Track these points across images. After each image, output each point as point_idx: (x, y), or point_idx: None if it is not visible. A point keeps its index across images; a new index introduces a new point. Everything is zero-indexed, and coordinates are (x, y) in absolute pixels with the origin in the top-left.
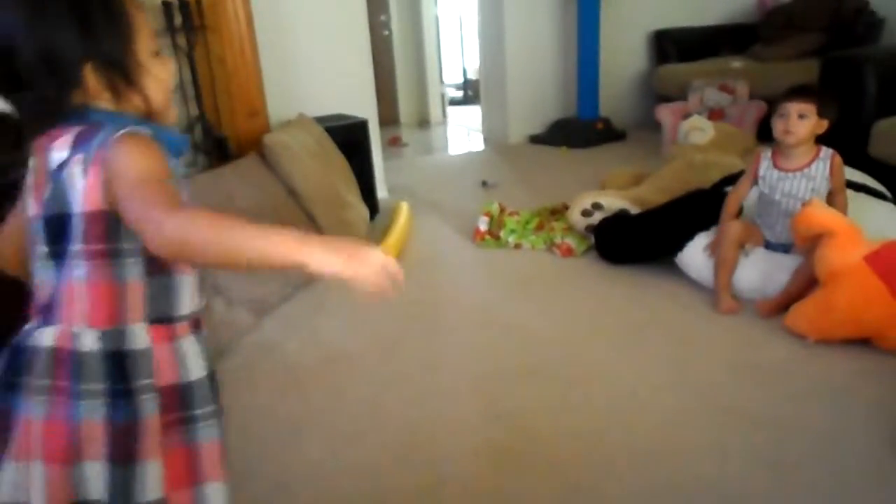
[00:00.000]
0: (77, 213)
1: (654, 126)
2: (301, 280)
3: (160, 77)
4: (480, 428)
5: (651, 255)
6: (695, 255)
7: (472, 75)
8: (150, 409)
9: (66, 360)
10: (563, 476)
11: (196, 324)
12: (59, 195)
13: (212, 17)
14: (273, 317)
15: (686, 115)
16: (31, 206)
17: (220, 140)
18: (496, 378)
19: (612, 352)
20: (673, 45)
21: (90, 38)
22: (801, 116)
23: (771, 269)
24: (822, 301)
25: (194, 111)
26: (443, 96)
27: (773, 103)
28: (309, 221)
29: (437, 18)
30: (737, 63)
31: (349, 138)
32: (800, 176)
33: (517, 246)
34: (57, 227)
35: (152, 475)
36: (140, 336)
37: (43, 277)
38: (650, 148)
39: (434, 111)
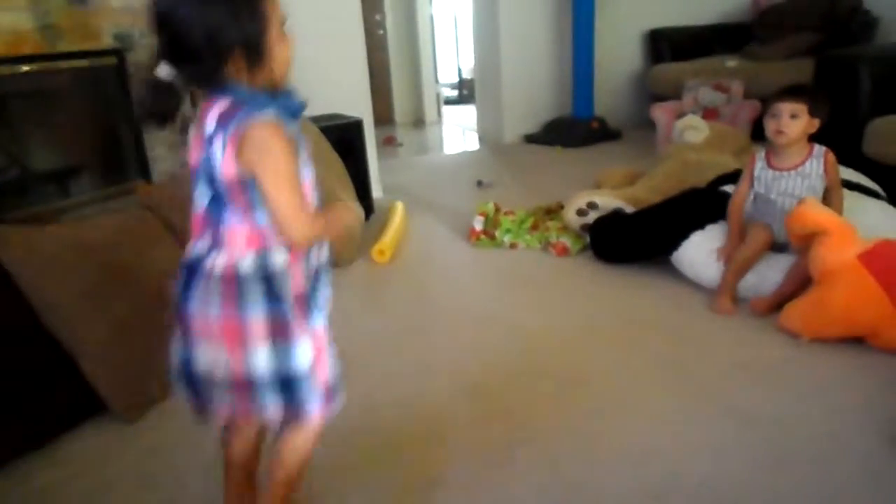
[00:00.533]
0: (221, 178)
1: (649, 125)
2: None
3: (283, 56)
4: (477, 428)
5: (646, 254)
6: (690, 253)
7: (467, 74)
8: (288, 307)
9: (233, 276)
10: (561, 475)
11: (307, 252)
12: (210, 160)
13: None
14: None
15: (680, 115)
16: (193, 157)
17: None
18: (492, 377)
19: (608, 351)
20: (667, 45)
21: (239, 25)
22: (792, 116)
23: (765, 267)
24: (816, 300)
25: (189, 110)
26: (438, 96)
27: (767, 102)
28: None
29: (431, 17)
30: (731, 62)
31: (344, 138)
32: (794, 174)
33: (513, 245)
34: (212, 184)
35: (303, 350)
36: (279, 259)
37: (207, 215)
38: (645, 147)
39: (429, 111)
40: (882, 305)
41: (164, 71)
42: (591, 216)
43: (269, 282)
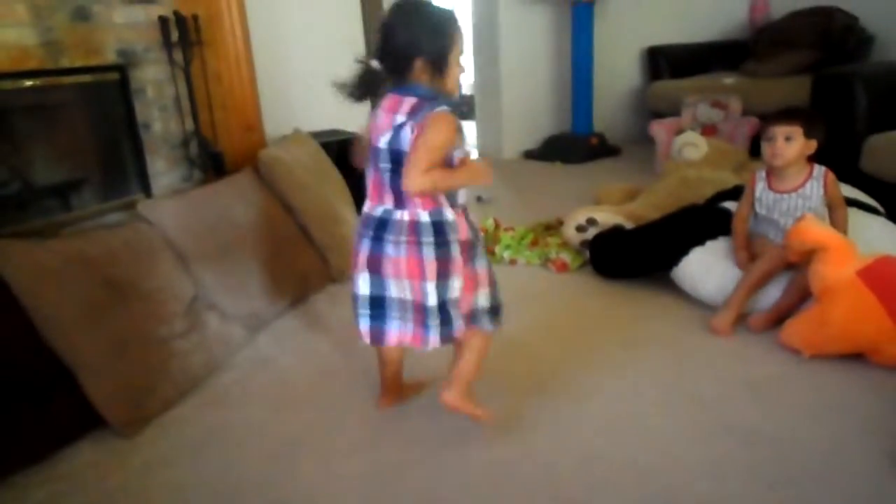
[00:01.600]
0: (406, 151)
1: (648, 141)
2: (295, 296)
3: (456, 74)
4: (477, 444)
5: (646, 270)
6: (690, 269)
7: (466, 90)
8: (456, 250)
9: (415, 226)
10: (561, 492)
11: (465, 210)
12: (398, 140)
13: (208, 33)
14: (267, 332)
15: (679, 131)
16: (376, 139)
17: (215, 155)
18: (493, 394)
19: (608, 367)
20: (666, 62)
21: (430, 42)
22: (787, 139)
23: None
24: (816, 316)
25: (190, 126)
26: None
27: (765, 119)
28: (303, 236)
29: None
30: (729, 79)
31: (345, 153)
32: (795, 196)
33: (512, 262)
34: (396, 156)
35: (456, 285)
36: (448, 213)
37: (388, 182)
38: (644, 163)
39: None
40: (882, 321)
41: (374, 63)
42: (591, 232)
43: (440, 231)
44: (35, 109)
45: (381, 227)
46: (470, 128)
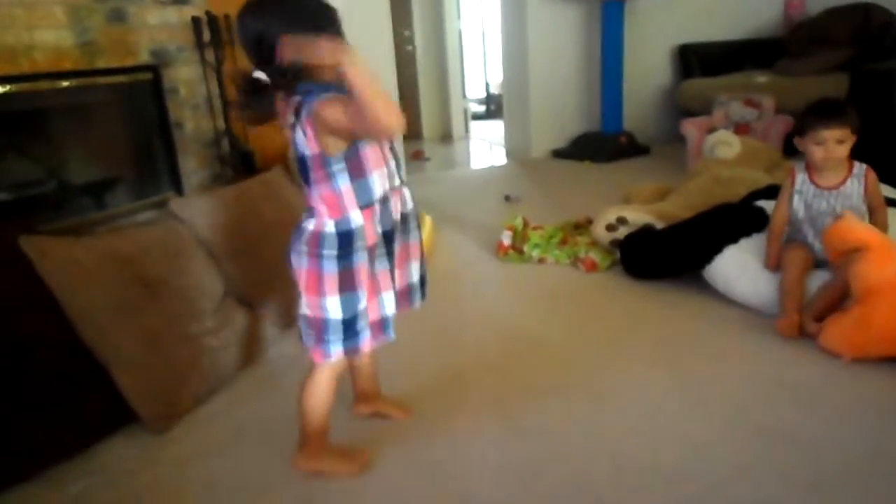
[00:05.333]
0: (308, 156)
1: (679, 141)
2: None
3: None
4: (505, 445)
5: (678, 270)
6: (723, 268)
7: (494, 90)
8: (362, 258)
9: (317, 236)
10: (591, 495)
11: (384, 200)
12: (296, 145)
13: None
14: (297, 329)
15: (711, 130)
16: (291, 146)
17: (246, 154)
18: (521, 394)
19: (640, 368)
20: (697, 60)
21: (279, 24)
22: (839, 142)
23: None
24: (858, 318)
25: (221, 125)
26: (465, 111)
27: (802, 120)
28: None
29: (460, 33)
30: (762, 77)
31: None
32: (835, 194)
33: (541, 260)
34: (302, 163)
35: (361, 297)
36: (356, 218)
37: (304, 190)
38: (675, 163)
39: (457, 126)
40: None
41: (260, 74)
42: (621, 231)
43: (345, 240)
44: (71, 109)
45: (294, 234)
46: (498, 127)
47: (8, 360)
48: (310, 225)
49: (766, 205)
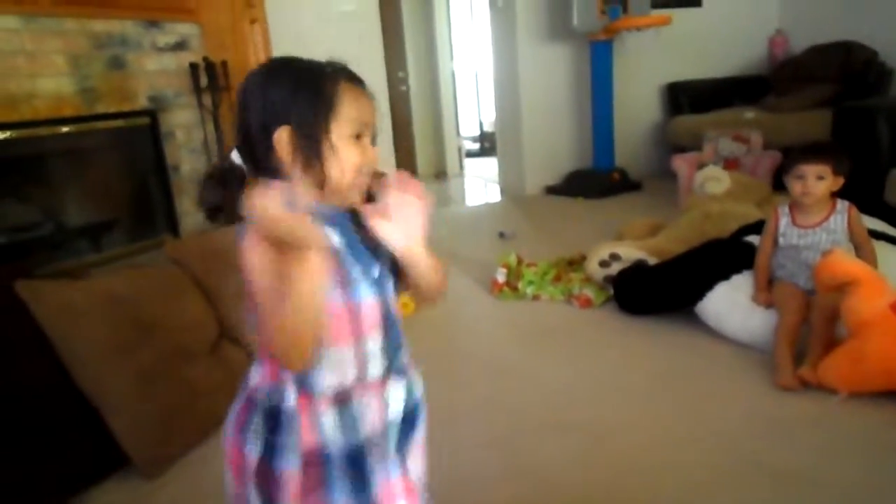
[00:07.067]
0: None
1: (670, 176)
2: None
3: (345, 160)
4: (502, 484)
5: (671, 306)
6: (715, 304)
7: (488, 128)
8: (289, 462)
9: (249, 402)
10: None
11: (341, 398)
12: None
13: (237, 78)
14: None
15: (701, 165)
16: None
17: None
18: (517, 432)
19: (634, 404)
20: (686, 97)
21: (292, 105)
22: (818, 178)
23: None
24: (851, 352)
25: None
26: (459, 149)
27: (787, 152)
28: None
29: (453, 73)
30: (750, 114)
31: (367, 191)
32: (819, 231)
33: (535, 297)
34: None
35: None
36: (290, 397)
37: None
38: (666, 198)
39: (451, 163)
40: None
41: (235, 157)
42: (614, 267)
43: (272, 422)
44: (70, 153)
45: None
46: (491, 164)
47: (2, 404)
48: (246, 380)
49: (756, 240)
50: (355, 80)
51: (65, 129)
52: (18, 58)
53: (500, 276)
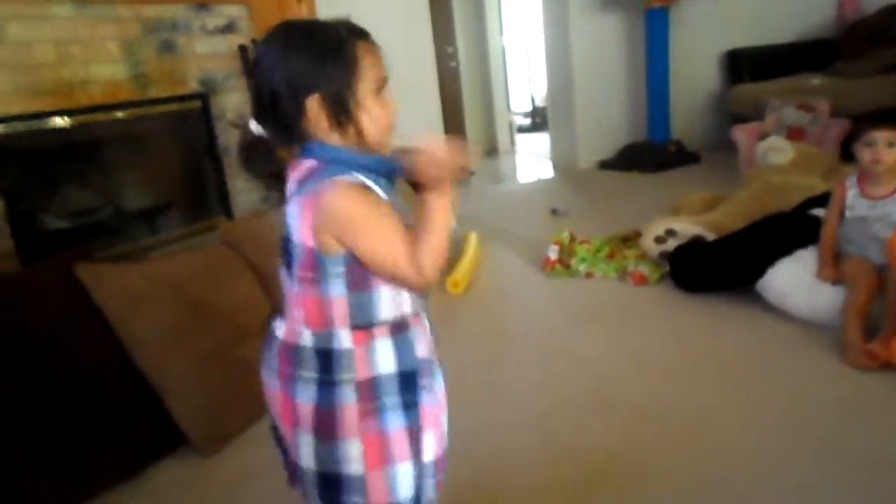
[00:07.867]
0: (295, 243)
1: (729, 148)
2: None
3: (375, 115)
4: (547, 464)
5: (730, 283)
6: (778, 281)
7: (539, 102)
8: (349, 397)
9: (291, 350)
10: None
11: (398, 327)
12: (287, 222)
13: None
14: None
15: (763, 136)
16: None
17: None
18: (565, 412)
19: (688, 385)
20: (747, 65)
21: (319, 73)
22: (889, 144)
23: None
24: None
25: None
26: (511, 124)
27: (857, 121)
28: None
29: (503, 47)
30: (816, 80)
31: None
32: (890, 202)
33: (588, 275)
34: (286, 246)
35: (352, 452)
36: (344, 339)
37: (282, 279)
38: (725, 171)
39: (502, 139)
40: None
41: (254, 127)
42: (670, 243)
43: (325, 362)
44: (125, 138)
45: (266, 340)
46: (544, 140)
47: (66, 387)
48: (280, 331)
49: (822, 213)
50: (366, 36)
51: (119, 114)
52: (73, 46)
53: (553, 254)
